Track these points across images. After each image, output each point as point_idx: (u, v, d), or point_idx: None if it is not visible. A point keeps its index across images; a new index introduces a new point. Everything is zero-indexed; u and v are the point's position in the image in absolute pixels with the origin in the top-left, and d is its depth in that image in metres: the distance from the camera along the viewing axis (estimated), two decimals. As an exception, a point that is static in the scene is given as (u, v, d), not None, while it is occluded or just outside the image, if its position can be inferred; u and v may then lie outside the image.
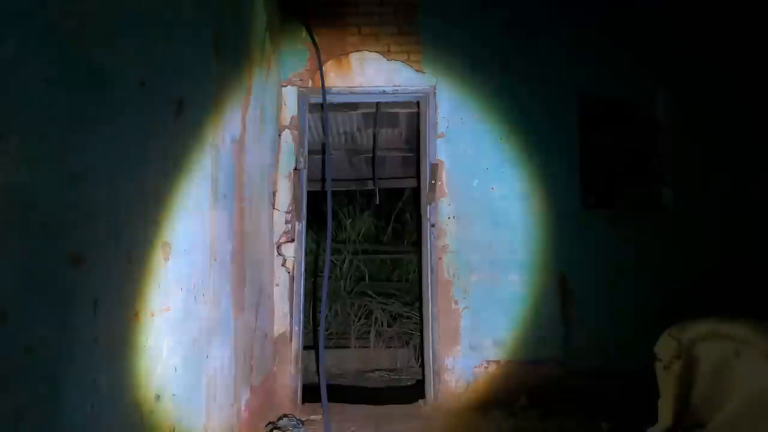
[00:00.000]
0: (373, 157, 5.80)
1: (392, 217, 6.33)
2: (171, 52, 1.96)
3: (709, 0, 4.09)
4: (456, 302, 3.90)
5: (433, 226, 3.96)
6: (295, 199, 3.96)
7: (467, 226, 3.95)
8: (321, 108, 4.05)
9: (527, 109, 4.02)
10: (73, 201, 1.33)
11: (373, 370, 5.16)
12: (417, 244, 5.34)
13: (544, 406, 3.57)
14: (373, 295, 5.66)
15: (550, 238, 3.95)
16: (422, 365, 4.24)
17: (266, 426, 3.34)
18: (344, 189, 6.18)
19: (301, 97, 4.05)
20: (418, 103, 4.23)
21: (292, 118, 4.03)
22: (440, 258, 3.93)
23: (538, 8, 4.09)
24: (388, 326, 5.48)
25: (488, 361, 3.85)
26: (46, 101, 1.23)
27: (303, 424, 3.48)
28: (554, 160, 3.99)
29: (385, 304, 5.59)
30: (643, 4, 4.11)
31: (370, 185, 6.00)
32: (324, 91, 3.93)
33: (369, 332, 5.45)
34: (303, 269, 4.01)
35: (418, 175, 4.78)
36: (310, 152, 4.32)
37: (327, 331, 5.43)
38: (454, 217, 3.96)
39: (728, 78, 4.07)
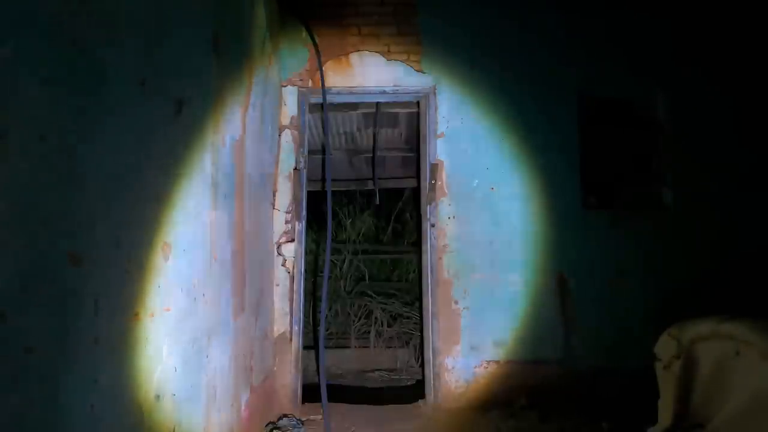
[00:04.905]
0: (373, 157, 5.80)
1: (392, 217, 6.33)
2: (171, 52, 1.95)
3: (708, 3, 4.10)
4: (456, 302, 3.90)
5: (433, 226, 3.96)
6: (295, 199, 3.97)
7: (467, 226, 3.95)
8: (321, 108, 4.05)
9: (527, 108, 4.02)
10: (73, 201, 1.33)
11: (373, 370, 5.16)
12: (417, 244, 5.34)
13: (544, 406, 3.57)
14: (373, 295, 5.67)
15: (550, 238, 3.95)
16: (422, 365, 4.24)
17: (266, 426, 3.34)
18: (344, 189, 6.18)
19: (301, 97, 4.05)
20: (418, 103, 4.23)
21: (292, 118, 4.03)
22: (440, 258, 3.93)
23: (538, 8, 4.09)
24: (388, 326, 5.48)
25: (488, 361, 3.85)
26: (46, 101, 1.23)
27: (303, 424, 3.48)
28: (554, 160, 3.99)
29: (385, 304, 5.59)
30: (643, 5, 4.11)
31: (370, 185, 6.00)
32: (324, 91, 3.93)
33: (369, 332, 5.46)
34: (303, 269, 4.01)
35: (418, 175, 4.78)
36: (310, 152, 4.33)
37: (327, 331, 5.43)
38: (454, 217, 3.96)
39: (728, 79, 4.07)
